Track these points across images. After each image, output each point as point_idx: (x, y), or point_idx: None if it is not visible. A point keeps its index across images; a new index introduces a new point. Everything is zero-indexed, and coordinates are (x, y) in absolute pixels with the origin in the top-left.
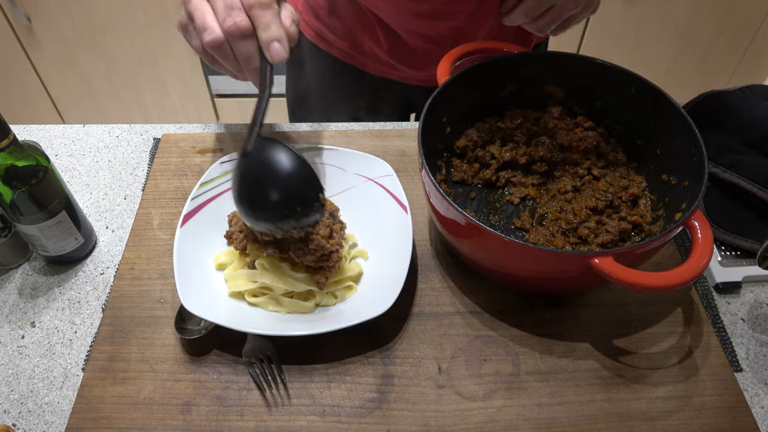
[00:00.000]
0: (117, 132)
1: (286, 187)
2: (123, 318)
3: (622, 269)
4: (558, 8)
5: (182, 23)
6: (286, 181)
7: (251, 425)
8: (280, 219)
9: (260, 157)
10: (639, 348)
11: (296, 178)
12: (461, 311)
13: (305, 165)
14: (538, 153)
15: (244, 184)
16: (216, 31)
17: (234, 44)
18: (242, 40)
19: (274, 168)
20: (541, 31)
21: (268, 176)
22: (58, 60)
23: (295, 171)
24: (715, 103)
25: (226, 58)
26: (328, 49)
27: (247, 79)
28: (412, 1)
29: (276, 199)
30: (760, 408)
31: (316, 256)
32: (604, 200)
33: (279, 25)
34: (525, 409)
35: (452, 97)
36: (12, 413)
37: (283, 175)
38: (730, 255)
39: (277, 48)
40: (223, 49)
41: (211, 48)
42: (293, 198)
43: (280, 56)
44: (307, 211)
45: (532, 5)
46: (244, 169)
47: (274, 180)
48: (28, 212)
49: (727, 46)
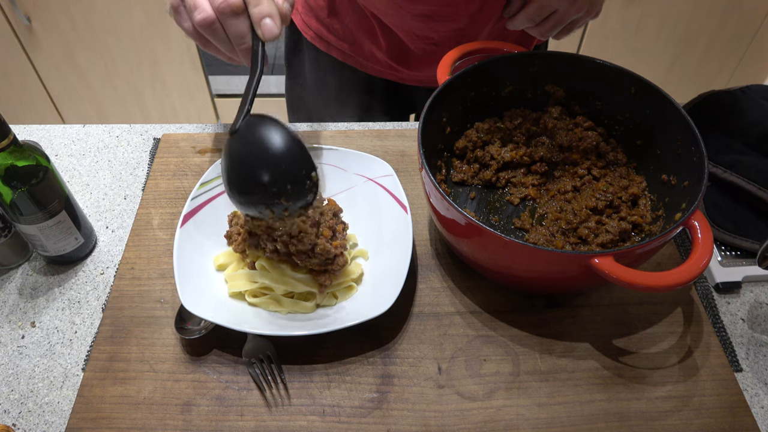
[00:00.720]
0: (117, 132)
1: (275, 164)
2: (123, 318)
3: (622, 269)
4: (560, 13)
5: (173, 4)
6: (275, 158)
7: (251, 425)
8: (271, 199)
9: (249, 135)
10: (639, 348)
11: (287, 154)
12: (461, 311)
13: (296, 141)
14: (537, 153)
15: (232, 164)
16: (207, 9)
17: (225, 22)
18: (233, 18)
19: (263, 145)
20: (543, 35)
21: (256, 154)
22: (58, 60)
23: (286, 147)
24: (715, 103)
25: (218, 38)
26: (328, 50)
27: (240, 61)
28: (412, 2)
29: (265, 177)
30: (760, 408)
31: (320, 260)
32: (604, 200)
33: (270, 1)
34: (525, 409)
35: (452, 97)
36: (12, 413)
37: (273, 152)
38: (730, 255)
39: (269, 24)
40: (214, 28)
41: (202, 27)
42: (283, 176)
43: (272, 33)
44: (298, 190)
45: (535, 10)
46: (233, 148)
47: (262, 157)
48: (28, 212)
49: (727, 46)
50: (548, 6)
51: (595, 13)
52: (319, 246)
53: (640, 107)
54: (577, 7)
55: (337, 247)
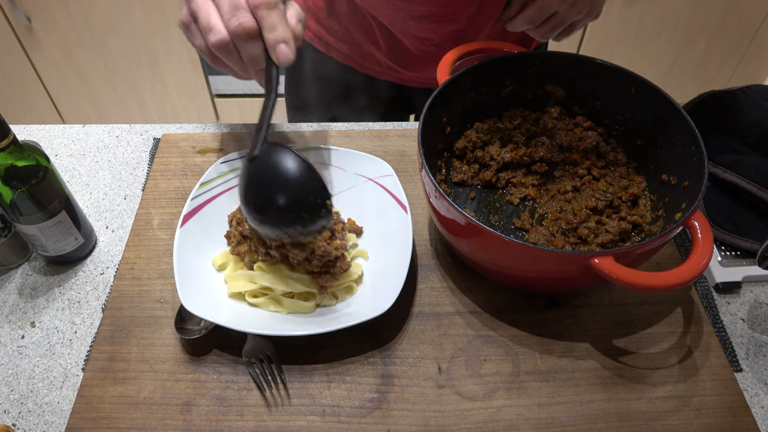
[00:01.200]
0: (117, 132)
1: (293, 193)
2: (123, 318)
3: (622, 269)
4: (560, 15)
5: (184, 22)
6: (293, 187)
7: (251, 425)
8: (287, 225)
9: (267, 163)
10: (639, 348)
11: (303, 184)
12: (461, 311)
13: (313, 171)
14: (537, 153)
15: (251, 189)
16: (221, 31)
17: (240, 45)
18: (248, 42)
19: (281, 174)
20: (543, 37)
21: (275, 182)
22: (58, 60)
23: (303, 177)
24: (715, 103)
25: (232, 59)
26: (327, 50)
27: (251, 78)
28: (411, 3)
29: (283, 205)
30: (760, 408)
31: (322, 262)
32: (604, 200)
33: (285, 25)
34: (525, 409)
35: (452, 98)
36: (12, 413)
37: (291, 181)
38: (730, 255)
39: (284, 50)
40: (228, 50)
41: (216, 49)
42: (300, 204)
43: (287, 58)
44: (314, 217)
45: (534, 13)
46: (251, 174)
47: (281, 186)
48: (28, 212)
49: (727, 46)
50: (548, 8)
51: (596, 15)
52: (321, 248)
53: (640, 107)
54: (577, 9)
55: (338, 248)
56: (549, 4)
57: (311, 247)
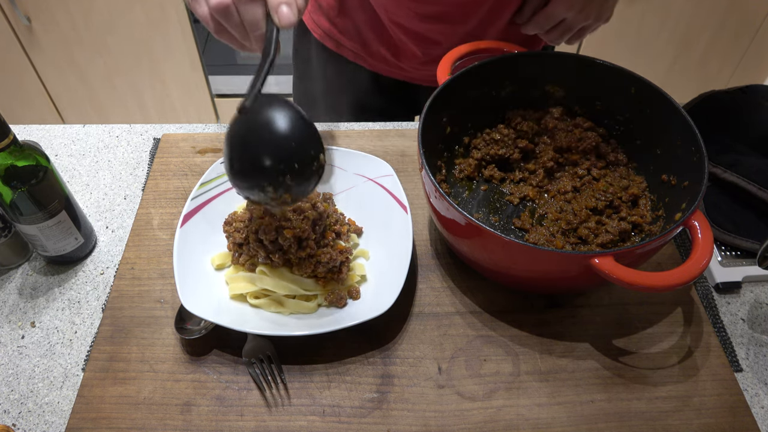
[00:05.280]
0: (117, 132)
1: (285, 140)
2: (123, 318)
3: (622, 269)
4: (569, 22)
5: None
6: (285, 135)
7: (251, 425)
8: (276, 177)
9: (258, 114)
10: (639, 348)
11: (297, 132)
12: (461, 311)
13: (307, 121)
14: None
15: (237, 142)
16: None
17: (241, 8)
18: (249, 4)
19: (272, 123)
20: (553, 42)
21: (266, 131)
22: (58, 60)
23: (297, 126)
24: (715, 103)
25: (232, 23)
26: (337, 49)
27: (252, 48)
28: (421, 3)
29: (273, 153)
30: (760, 408)
31: (326, 268)
32: (604, 200)
33: None
34: (525, 409)
35: (452, 97)
36: (12, 413)
37: (283, 129)
38: (730, 255)
39: (286, 11)
40: (229, 13)
41: (216, 12)
42: (291, 153)
43: (289, 19)
44: (305, 170)
45: (543, 19)
46: (239, 127)
47: (270, 135)
48: (28, 212)
49: (727, 46)
50: (556, 15)
51: (605, 19)
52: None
53: (640, 107)
54: (585, 15)
55: (343, 252)
56: (556, 11)
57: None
